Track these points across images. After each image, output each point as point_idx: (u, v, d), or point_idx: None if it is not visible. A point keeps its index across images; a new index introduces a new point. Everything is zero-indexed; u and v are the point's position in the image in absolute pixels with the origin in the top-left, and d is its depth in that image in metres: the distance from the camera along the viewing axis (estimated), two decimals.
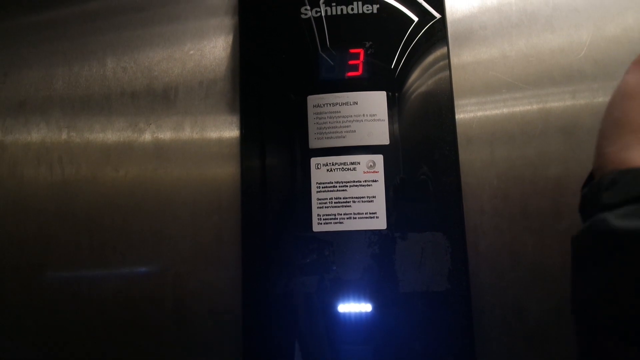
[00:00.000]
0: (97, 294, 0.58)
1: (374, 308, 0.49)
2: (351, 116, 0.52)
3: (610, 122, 0.37)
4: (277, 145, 0.54)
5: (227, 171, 0.57)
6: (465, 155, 0.54)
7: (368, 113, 0.52)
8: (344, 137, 0.52)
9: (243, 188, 0.54)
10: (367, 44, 0.54)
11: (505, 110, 0.55)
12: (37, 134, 0.63)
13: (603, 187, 0.33)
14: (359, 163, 0.51)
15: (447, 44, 0.55)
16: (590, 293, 0.31)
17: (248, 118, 0.56)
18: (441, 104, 0.53)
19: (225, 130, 0.59)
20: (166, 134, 0.60)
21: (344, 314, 0.49)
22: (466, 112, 0.55)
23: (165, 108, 0.61)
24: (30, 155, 0.63)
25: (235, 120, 0.58)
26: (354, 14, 0.55)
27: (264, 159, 0.54)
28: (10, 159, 0.63)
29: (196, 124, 0.60)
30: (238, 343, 0.51)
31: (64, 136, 0.62)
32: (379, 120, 0.52)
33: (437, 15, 0.55)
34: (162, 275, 0.57)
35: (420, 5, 0.55)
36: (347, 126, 0.52)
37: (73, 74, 0.64)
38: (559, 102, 0.55)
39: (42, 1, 0.68)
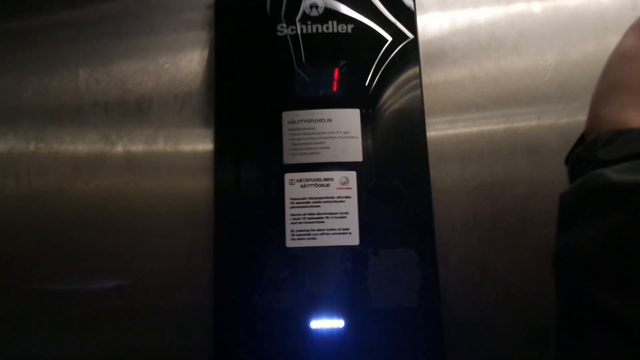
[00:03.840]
0: (65, 310, 0.56)
1: (347, 324, 0.49)
2: (325, 133, 0.53)
3: (607, 84, 0.37)
4: (251, 160, 0.54)
5: (201, 185, 0.57)
6: (437, 172, 0.55)
7: (342, 130, 0.53)
8: (317, 154, 0.52)
9: (216, 202, 0.53)
10: (342, 63, 0.55)
11: (474, 129, 0.57)
12: (4, 144, 0.61)
13: (599, 144, 0.33)
14: (332, 179, 0.52)
15: (419, 63, 0.57)
16: (584, 244, 0.30)
17: (222, 132, 0.56)
18: (413, 121, 0.54)
19: (200, 144, 0.58)
20: (139, 147, 0.59)
21: (317, 330, 0.49)
22: (437, 130, 0.57)
23: (138, 121, 0.60)
24: None
25: (209, 134, 0.58)
26: (329, 32, 0.56)
27: (238, 173, 0.54)
28: None
29: (170, 137, 0.59)
30: (210, 356, 0.51)
31: (32, 147, 0.61)
32: (352, 137, 0.53)
33: (410, 36, 0.57)
34: (133, 292, 0.55)
35: (393, 25, 0.57)
36: (321, 142, 0.53)
37: (43, 84, 0.62)
38: (525, 122, 0.57)
39: (14, 10, 0.66)
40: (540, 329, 0.53)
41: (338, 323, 0.49)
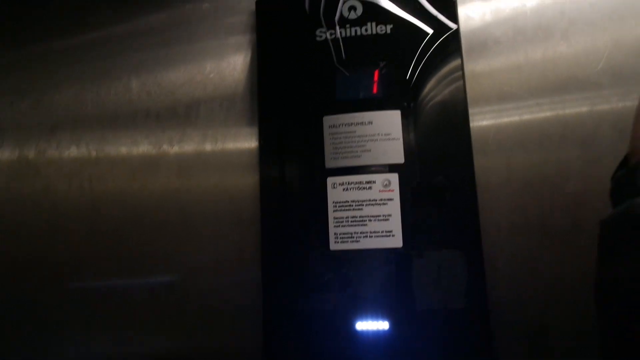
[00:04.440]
0: (123, 308, 0.60)
1: (391, 326, 0.50)
2: (366, 136, 0.53)
3: None
4: (295, 162, 0.56)
5: (247, 182, 0.59)
6: (482, 170, 0.54)
7: (383, 132, 0.53)
8: (359, 157, 0.53)
9: (262, 202, 0.55)
10: (381, 64, 0.55)
11: (524, 117, 0.55)
12: (70, 153, 0.66)
13: None
14: (374, 182, 0.52)
15: (461, 56, 0.55)
16: (626, 276, 0.29)
17: (266, 133, 0.57)
18: (456, 115, 0.53)
19: (245, 148, 0.60)
20: (189, 153, 0.62)
21: (362, 332, 0.50)
22: (482, 120, 0.55)
23: (187, 128, 0.63)
24: (62, 175, 0.66)
25: (254, 138, 0.59)
26: (368, 35, 0.56)
27: (282, 173, 0.55)
28: (44, 179, 0.66)
29: (217, 143, 0.62)
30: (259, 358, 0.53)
31: (93, 155, 0.65)
32: (393, 139, 0.53)
33: (453, 27, 0.56)
34: (185, 290, 0.59)
35: (434, 18, 0.56)
36: (362, 145, 0.53)
37: (100, 97, 0.66)
38: (575, 113, 0.54)
39: (72, 26, 0.71)
40: (594, 332, 0.51)
41: (383, 325, 0.50)
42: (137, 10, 0.69)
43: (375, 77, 0.54)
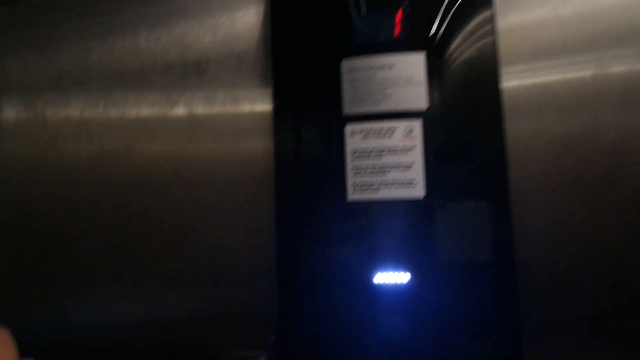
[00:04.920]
0: (137, 256, 0.59)
1: (412, 279, 0.47)
2: (387, 80, 0.50)
3: None
4: (311, 113, 0.53)
5: (261, 143, 0.56)
6: (512, 119, 0.50)
7: (405, 76, 0.49)
8: (379, 102, 0.49)
9: (277, 156, 0.53)
10: (405, 3, 0.51)
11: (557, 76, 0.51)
12: (77, 106, 0.64)
13: None
14: (396, 129, 0.49)
15: (491, 5, 0.51)
16: None
17: (281, 87, 0.54)
18: (485, 65, 0.49)
19: (258, 102, 0.57)
20: (199, 106, 0.60)
21: (380, 285, 0.48)
22: (513, 80, 0.51)
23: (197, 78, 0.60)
24: (70, 128, 0.64)
25: (268, 91, 0.56)
26: None
27: (298, 125, 0.53)
28: (51, 132, 0.64)
29: (228, 94, 0.59)
30: (273, 312, 0.51)
31: (100, 109, 0.63)
32: (416, 83, 0.49)
33: None
34: (198, 241, 0.57)
35: None
36: (383, 91, 0.49)
37: (107, 47, 0.64)
38: (617, 65, 0.50)
39: None
40: (626, 290, 0.48)
41: (403, 277, 0.47)
42: None
43: (398, 18, 0.50)
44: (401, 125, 0.49)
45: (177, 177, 0.59)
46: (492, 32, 0.50)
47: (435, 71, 0.49)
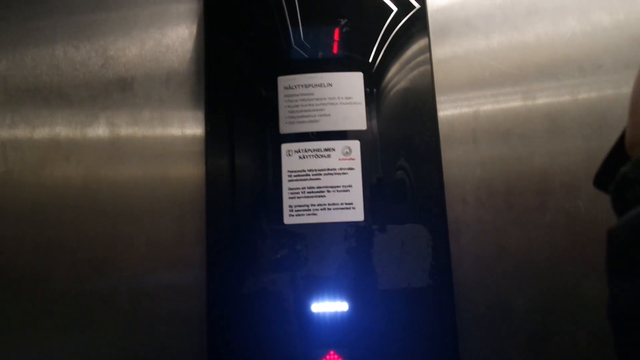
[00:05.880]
0: (42, 295, 0.52)
1: (351, 307, 0.45)
2: (325, 99, 0.48)
3: None
4: (246, 132, 0.50)
5: (191, 160, 0.52)
6: (447, 143, 0.50)
7: (343, 95, 0.48)
8: (317, 122, 0.48)
9: (208, 180, 0.49)
10: (343, 22, 0.50)
11: (489, 100, 0.52)
12: None
13: None
14: (333, 149, 0.47)
15: (427, 34, 0.51)
16: None
17: (214, 103, 0.51)
18: (422, 88, 0.50)
19: (190, 121, 0.53)
20: (123, 122, 0.55)
21: (318, 314, 0.45)
22: (447, 109, 0.52)
23: (122, 94, 0.55)
24: None
25: (200, 107, 0.53)
26: None
27: (232, 148, 0.49)
28: None
29: (156, 112, 0.54)
30: (202, 348, 0.46)
31: (7, 121, 0.56)
32: (355, 103, 0.48)
33: (417, 5, 0.52)
34: (117, 276, 0.51)
35: None
36: (321, 109, 0.48)
37: (18, 53, 0.57)
38: (546, 95, 0.52)
39: None
40: (559, 311, 0.49)
41: (342, 306, 0.45)
42: None
43: (336, 36, 0.50)
44: (340, 145, 0.47)
45: (95, 203, 0.53)
46: (429, 60, 0.51)
47: (373, 93, 0.49)
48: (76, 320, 0.51)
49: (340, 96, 0.48)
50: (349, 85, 0.48)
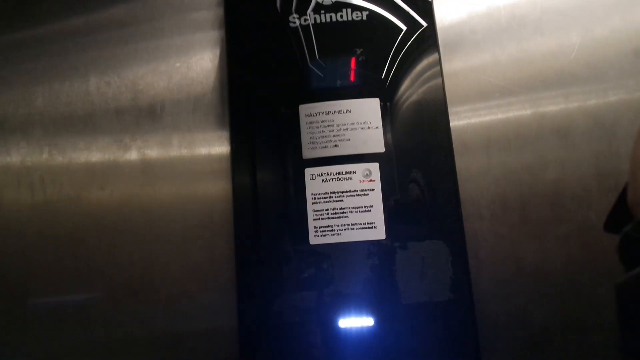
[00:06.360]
0: (84, 319, 0.55)
1: (376, 322, 0.47)
2: (345, 124, 0.51)
3: None
4: (270, 157, 0.53)
5: (218, 187, 0.55)
6: (462, 160, 0.53)
7: (362, 121, 0.51)
8: (338, 146, 0.51)
9: (235, 203, 0.52)
10: (358, 51, 0.53)
11: (500, 115, 0.55)
12: (18, 153, 0.60)
13: None
14: (354, 172, 0.50)
15: (438, 50, 0.54)
16: None
17: (238, 131, 0.54)
18: (435, 109, 0.52)
19: (215, 144, 0.57)
20: (153, 150, 0.58)
21: (345, 329, 0.47)
22: (460, 119, 0.55)
23: (152, 124, 0.59)
24: (10, 176, 0.60)
25: (225, 134, 0.56)
26: (343, 21, 0.54)
27: (255, 172, 0.52)
28: None
29: (184, 139, 0.58)
30: None
31: (45, 155, 0.60)
32: (373, 127, 0.51)
33: (424, 24, 0.55)
34: (154, 298, 0.54)
35: (408, 14, 0.55)
36: (341, 135, 0.51)
37: (54, 91, 0.61)
38: (552, 105, 0.54)
39: (21, 20, 0.65)
40: (578, 321, 0.51)
41: (367, 321, 0.47)
42: (93, 1, 0.65)
43: (353, 65, 0.53)
44: (360, 168, 0.50)
45: (130, 225, 0.56)
46: (440, 74, 0.53)
47: (389, 116, 0.51)
48: (115, 343, 0.54)
49: (359, 121, 0.51)
50: (367, 111, 0.51)
